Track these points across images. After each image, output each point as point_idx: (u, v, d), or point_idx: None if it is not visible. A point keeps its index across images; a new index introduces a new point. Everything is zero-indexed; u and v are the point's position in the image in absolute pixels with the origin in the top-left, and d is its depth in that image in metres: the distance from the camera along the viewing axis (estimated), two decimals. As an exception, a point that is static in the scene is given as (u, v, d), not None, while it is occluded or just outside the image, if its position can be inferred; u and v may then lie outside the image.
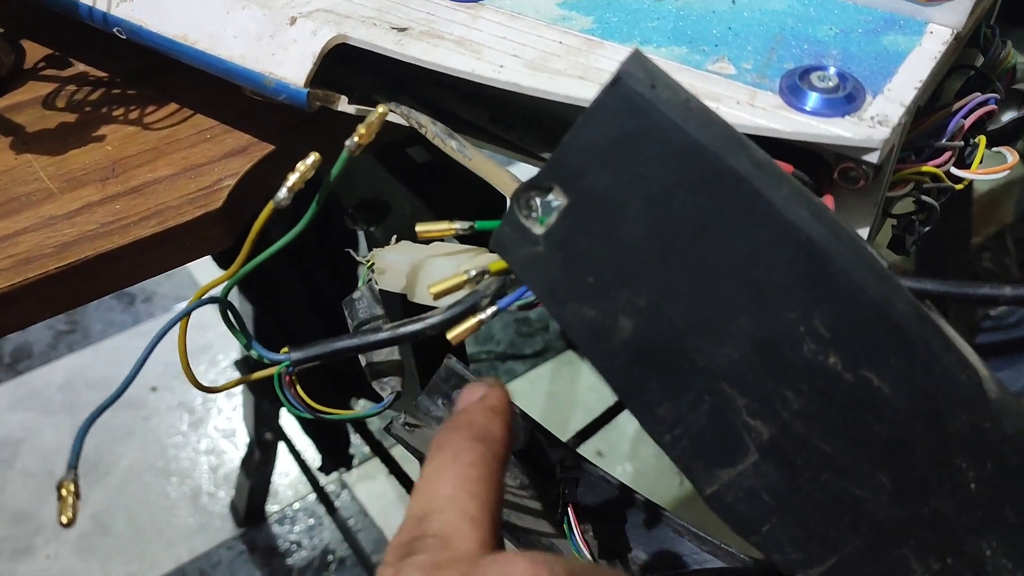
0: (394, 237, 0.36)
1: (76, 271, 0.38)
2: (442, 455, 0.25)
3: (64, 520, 0.27)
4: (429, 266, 0.35)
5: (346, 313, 0.36)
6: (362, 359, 0.36)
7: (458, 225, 0.33)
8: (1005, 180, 1.15)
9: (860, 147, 0.31)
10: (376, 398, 0.37)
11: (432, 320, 0.34)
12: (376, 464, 1.36)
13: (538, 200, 0.30)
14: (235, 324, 0.33)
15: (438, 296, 0.33)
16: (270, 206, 0.32)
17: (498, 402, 0.27)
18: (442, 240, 0.34)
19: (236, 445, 1.44)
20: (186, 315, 0.33)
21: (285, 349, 0.34)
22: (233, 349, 1.50)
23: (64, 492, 0.28)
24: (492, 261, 0.34)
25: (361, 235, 0.78)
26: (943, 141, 0.36)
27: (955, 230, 0.91)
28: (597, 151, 0.28)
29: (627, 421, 1.41)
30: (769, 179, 0.27)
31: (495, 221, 0.32)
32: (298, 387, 0.35)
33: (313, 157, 0.32)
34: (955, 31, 0.35)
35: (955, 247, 0.95)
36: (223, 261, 0.94)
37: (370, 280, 0.36)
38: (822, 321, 0.28)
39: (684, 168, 0.28)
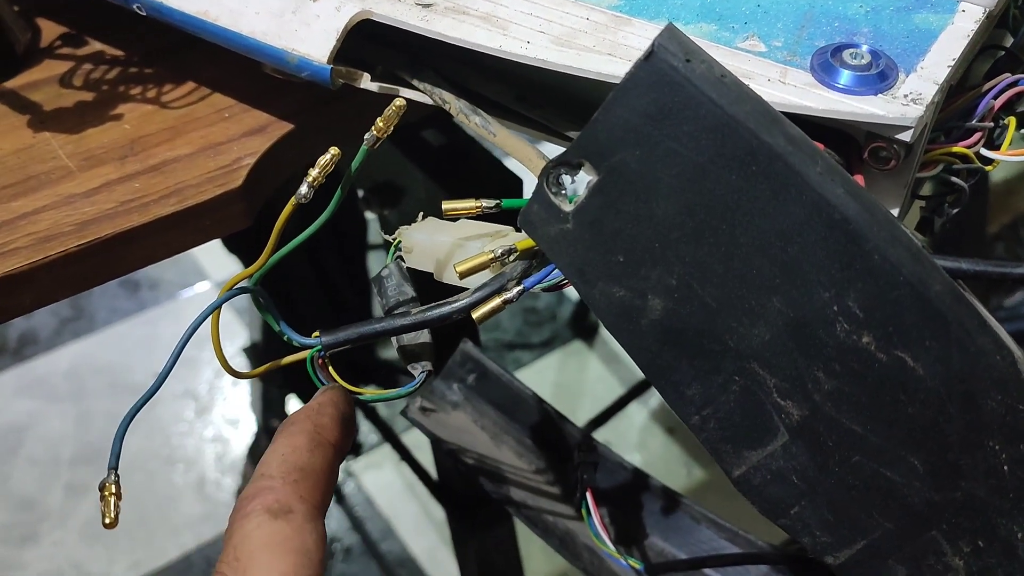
0: (420, 214, 0.36)
1: (96, 249, 0.37)
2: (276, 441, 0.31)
3: (107, 521, 0.27)
4: (456, 247, 0.35)
5: (375, 291, 0.36)
6: (394, 341, 0.36)
7: (485, 202, 0.33)
8: (1019, 170, 1.15)
9: (894, 125, 0.30)
10: (384, 384, 0.37)
11: (459, 303, 0.34)
12: (383, 453, 1.36)
13: (567, 177, 0.30)
14: (268, 311, 0.33)
15: (464, 275, 0.32)
16: (292, 202, 0.32)
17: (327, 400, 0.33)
18: (468, 218, 0.34)
19: (242, 433, 1.44)
20: (218, 307, 0.32)
21: (316, 333, 0.34)
22: (238, 336, 1.49)
23: (106, 493, 0.28)
24: (519, 240, 0.33)
25: (374, 218, 0.78)
26: (973, 122, 0.36)
27: (970, 219, 0.91)
28: (629, 126, 0.28)
29: (635, 411, 1.41)
30: (803, 156, 0.27)
31: (522, 199, 0.32)
32: (331, 369, 0.34)
33: (332, 152, 0.32)
34: (987, 9, 0.34)
35: (969, 237, 0.94)
36: (232, 246, 0.94)
37: (398, 257, 0.36)
38: (856, 301, 0.27)
39: (718, 144, 0.27)
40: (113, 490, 0.29)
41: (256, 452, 1.28)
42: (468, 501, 0.80)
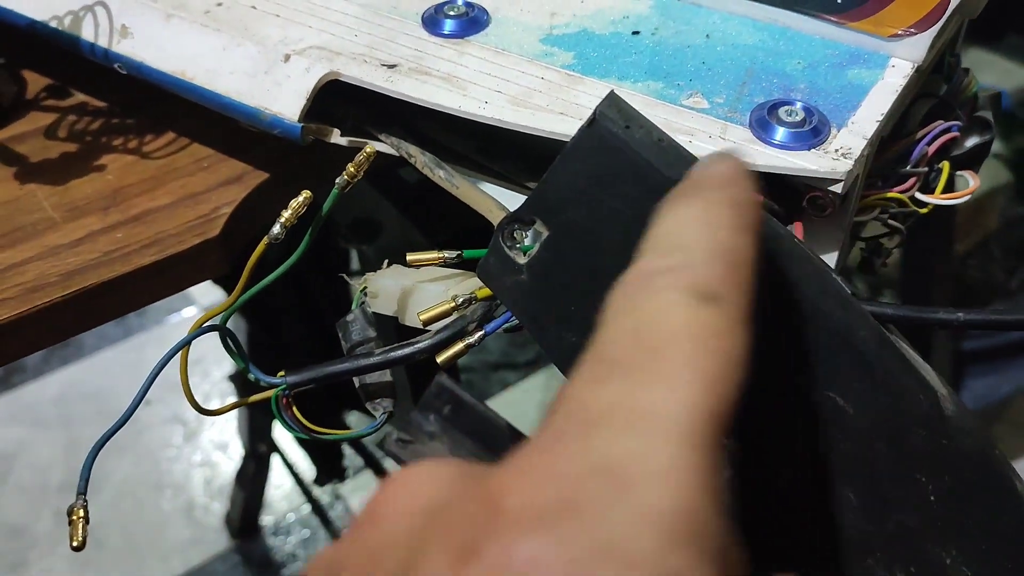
0: (386, 262, 0.38)
1: (80, 299, 0.39)
2: (682, 208, 0.21)
3: (75, 544, 0.29)
4: (419, 291, 0.37)
5: (340, 335, 0.38)
6: (355, 381, 0.38)
7: (446, 253, 0.35)
8: (989, 188, 1.17)
9: (826, 178, 0.33)
10: (366, 411, 0.39)
11: (421, 344, 0.36)
12: (370, 476, 1.37)
13: (521, 232, 0.32)
14: (235, 350, 0.35)
15: (427, 323, 0.34)
16: (264, 241, 0.34)
17: (740, 171, 0.23)
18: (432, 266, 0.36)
19: (230, 457, 1.45)
20: (186, 344, 0.34)
21: (282, 373, 0.36)
22: (226, 362, 1.51)
23: (75, 517, 0.29)
24: (478, 287, 0.35)
25: (354, 252, 0.79)
26: (908, 168, 0.38)
27: (938, 241, 0.93)
28: (575, 187, 0.30)
29: (617, 430, 1.42)
30: (738, 212, 0.29)
31: (482, 250, 0.34)
32: (294, 409, 0.36)
33: (304, 195, 0.34)
34: (916, 65, 0.36)
35: (939, 257, 0.97)
36: (218, 277, 0.95)
37: (363, 303, 0.38)
38: (790, 347, 0.30)
39: (657, 203, 0.29)
40: (81, 514, 0.30)
41: (244, 476, 1.29)
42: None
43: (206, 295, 1.66)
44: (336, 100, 0.41)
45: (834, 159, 0.33)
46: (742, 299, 0.20)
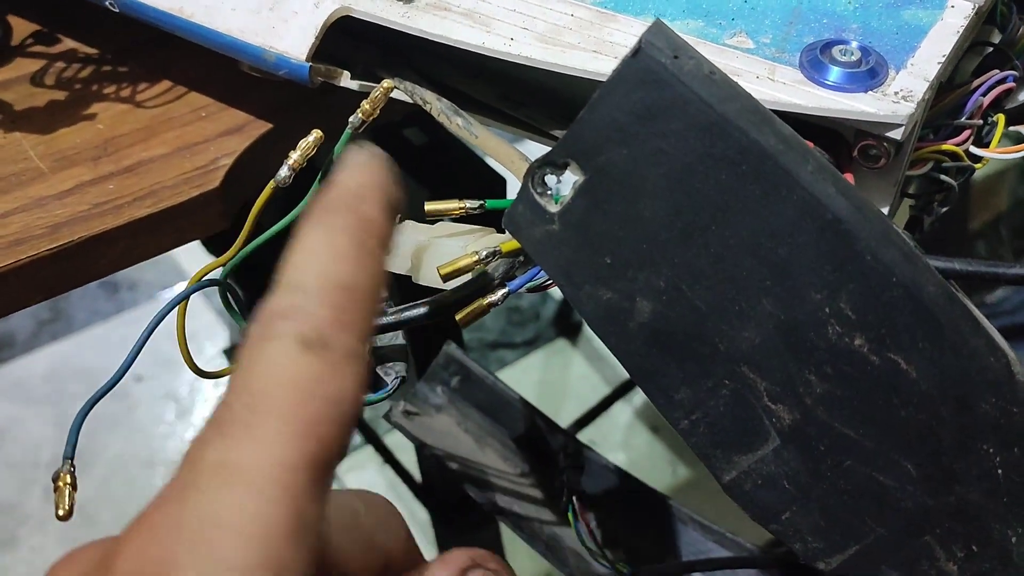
0: (397, 216, 0.35)
1: (68, 253, 0.36)
2: (310, 235, 0.23)
3: (61, 512, 0.26)
4: (435, 247, 0.34)
5: (349, 296, 0.35)
6: (365, 343, 0.35)
7: (468, 203, 0.32)
8: (999, 168, 1.15)
9: (885, 123, 0.30)
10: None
11: (438, 304, 0.33)
12: (366, 454, 1.35)
13: (553, 177, 0.29)
14: (235, 307, 0.32)
15: (447, 277, 0.32)
16: (271, 185, 0.32)
17: (370, 179, 0.24)
18: (449, 219, 0.33)
19: (224, 435, 1.43)
20: (184, 299, 0.32)
21: (287, 333, 0.33)
22: (219, 337, 1.48)
23: (60, 484, 0.27)
24: (501, 241, 0.33)
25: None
26: (962, 119, 0.35)
27: (952, 218, 0.90)
28: (616, 125, 0.27)
29: (619, 411, 1.40)
30: (795, 155, 0.27)
31: (506, 200, 0.31)
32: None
33: (315, 135, 0.31)
34: (977, 5, 0.34)
35: (951, 235, 0.94)
36: (212, 247, 0.92)
37: (373, 262, 0.35)
38: (848, 302, 0.27)
39: (707, 143, 0.27)
40: (68, 480, 0.28)
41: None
42: (452, 504, 0.79)
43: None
44: (344, 42, 0.38)
45: (894, 102, 0.30)
46: (351, 338, 0.21)
